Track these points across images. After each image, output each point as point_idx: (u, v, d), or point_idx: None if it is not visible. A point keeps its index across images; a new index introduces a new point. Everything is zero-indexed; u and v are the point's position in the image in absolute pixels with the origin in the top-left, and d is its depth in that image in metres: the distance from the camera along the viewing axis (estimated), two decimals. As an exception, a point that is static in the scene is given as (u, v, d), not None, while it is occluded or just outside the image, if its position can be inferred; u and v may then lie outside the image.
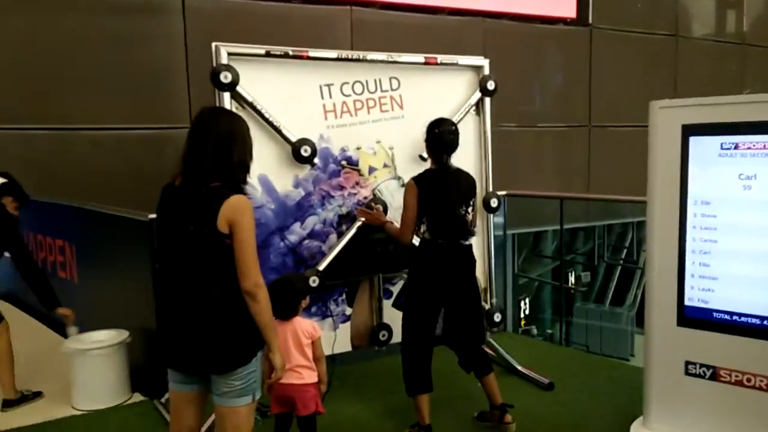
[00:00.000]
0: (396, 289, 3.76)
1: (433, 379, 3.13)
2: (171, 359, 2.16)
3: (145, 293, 3.34)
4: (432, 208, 3.04)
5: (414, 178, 3.10)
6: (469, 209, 3.13)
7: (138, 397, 3.80)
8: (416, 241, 3.14)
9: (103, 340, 3.71)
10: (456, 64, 3.83)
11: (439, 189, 3.05)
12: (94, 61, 4.58)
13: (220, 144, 2.09)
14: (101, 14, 4.62)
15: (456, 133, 3.15)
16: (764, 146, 2.66)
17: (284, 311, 2.69)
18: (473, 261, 3.20)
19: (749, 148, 2.70)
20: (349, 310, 3.71)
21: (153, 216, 3.14)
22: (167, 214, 2.14)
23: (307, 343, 2.74)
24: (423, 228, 3.07)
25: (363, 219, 3.49)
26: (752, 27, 8.65)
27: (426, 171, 3.15)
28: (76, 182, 4.64)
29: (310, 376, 2.73)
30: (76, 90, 4.58)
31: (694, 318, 2.92)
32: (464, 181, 3.16)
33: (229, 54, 3.17)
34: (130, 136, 4.79)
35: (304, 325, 2.76)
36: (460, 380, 3.12)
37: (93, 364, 3.64)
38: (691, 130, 2.84)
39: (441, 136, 3.09)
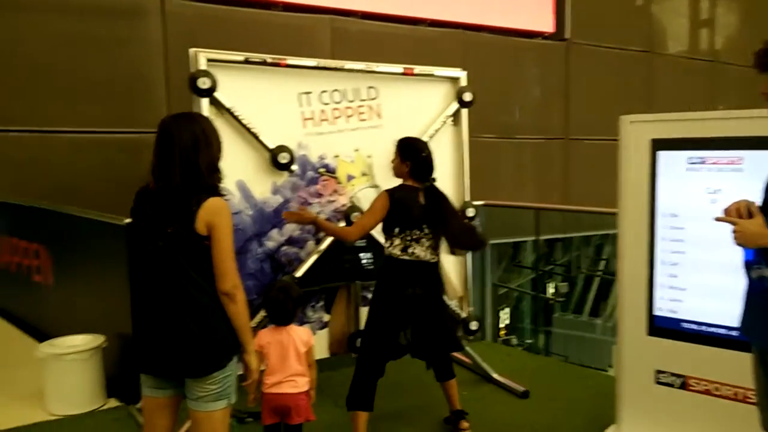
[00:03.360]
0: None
1: (402, 389, 3.13)
2: (146, 364, 2.15)
3: (122, 298, 3.31)
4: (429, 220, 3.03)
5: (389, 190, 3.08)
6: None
7: (113, 403, 3.76)
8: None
9: (79, 345, 3.67)
10: (433, 75, 3.88)
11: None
12: (73, 64, 4.56)
13: (185, 154, 2.07)
14: (81, 17, 4.61)
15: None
16: (729, 161, 2.74)
17: (283, 317, 2.69)
18: (439, 279, 3.19)
19: (715, 162, 2.78)
20: (326, 317, 3.72)
21: (129, 220, 3.14)
22: (144, 217, 2.14)
23: (303, 351, 2.69)
24: (394, 242, 3.05)
25: (291, 221, 3.32)
26: (724, 45, 8.89)
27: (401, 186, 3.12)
28: (53, 185, 4.61)
29: (303, 384, 2.69)
30: (55, 93, 4.56)
31: (663, 327, 2.98)
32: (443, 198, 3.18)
33: (208, 60, 3.18)
34: (108, 140, 4.76)
35: (299, 332, 2.71)
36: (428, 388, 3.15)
37: (68, 368, 3.60)
38: (659, 145, 2.91)
39: (427, 160, 3.11)
